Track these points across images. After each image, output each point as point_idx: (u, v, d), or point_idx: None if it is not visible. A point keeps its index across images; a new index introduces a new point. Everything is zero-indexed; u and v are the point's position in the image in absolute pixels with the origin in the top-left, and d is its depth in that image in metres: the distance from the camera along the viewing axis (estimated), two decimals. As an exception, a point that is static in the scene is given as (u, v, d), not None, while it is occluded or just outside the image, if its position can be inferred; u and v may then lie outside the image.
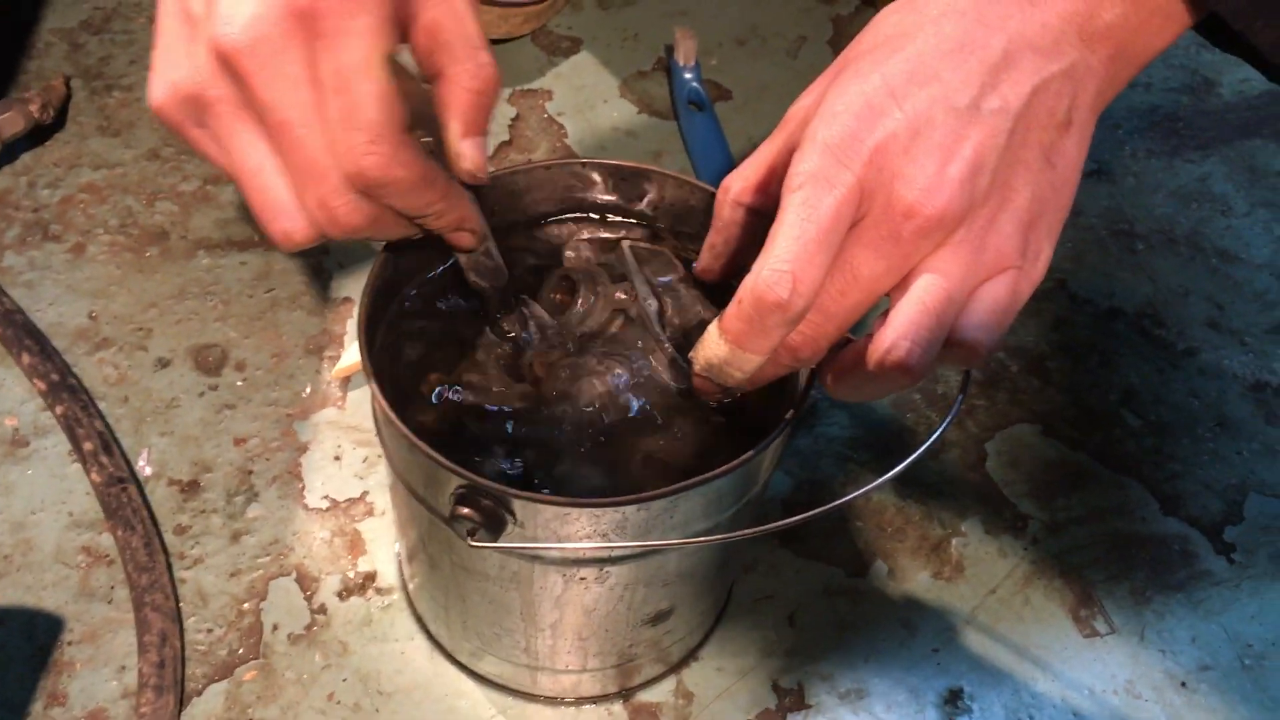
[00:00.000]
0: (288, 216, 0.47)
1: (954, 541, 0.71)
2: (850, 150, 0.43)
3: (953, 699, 0.65)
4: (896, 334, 0.43)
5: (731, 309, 0.45)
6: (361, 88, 0.43)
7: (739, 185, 0.51)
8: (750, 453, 0.48)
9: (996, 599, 0.69)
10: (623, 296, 0.57)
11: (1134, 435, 0.77)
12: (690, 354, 0.49)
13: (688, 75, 0.93)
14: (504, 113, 0.92)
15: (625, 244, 0.58)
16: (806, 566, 0.69)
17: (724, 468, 0.48)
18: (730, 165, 0.89)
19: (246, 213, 0.83)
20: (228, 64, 0.44)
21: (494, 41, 0.96)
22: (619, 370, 0.57)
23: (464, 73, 0.47)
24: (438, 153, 0.49)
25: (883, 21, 0.47)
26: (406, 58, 0.48)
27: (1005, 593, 0.69)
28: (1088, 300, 0.84)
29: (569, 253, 0.59)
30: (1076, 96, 0.44)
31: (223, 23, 0.43)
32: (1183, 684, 0.66)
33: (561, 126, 0.92)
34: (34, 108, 0.83)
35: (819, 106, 0.45)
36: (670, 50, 0.95)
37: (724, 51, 1.00)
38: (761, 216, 0.51)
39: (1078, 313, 0.83)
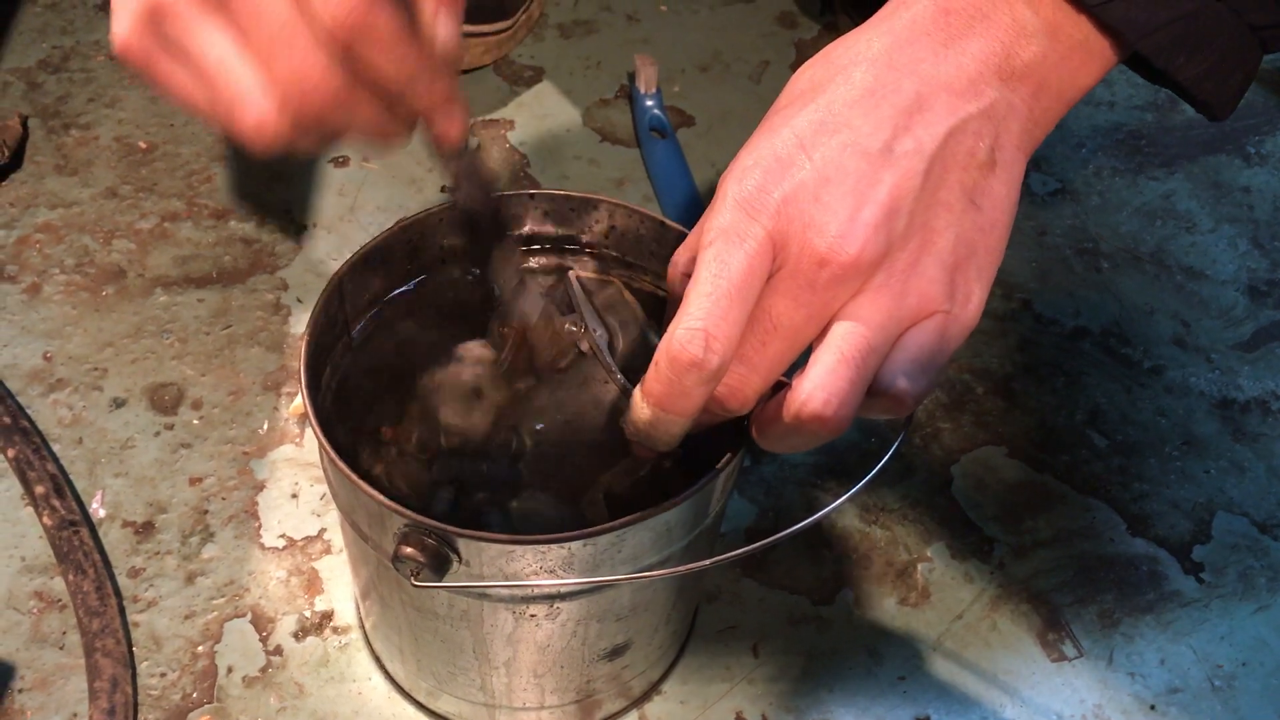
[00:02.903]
0: (257, 105, 0.45)
1: (920, 567, 0.70)
2: (759, 203, 0.42)
3: (919, 728, 0.64)
4: (813, 385, 0.42)
5: (651, 372, 0.45)
6: None
7: (684, 258, 0.50)
8: (695, 486, 0.47)
9: (963, 624, 0.68)
10: (572, 329, 0.56)
11: (1100, 456, 0.76)
12: (621, 421, 0.48)
13: (649, 102, 0.93)
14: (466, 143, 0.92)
15: (572, 275, 0.57)
16: (771, 595, 0.69)
17: (669, 501, 0.47)
18: (692, 192, 0.89)
19: (205, 249, 0.82)
20: None
21: (455, 72, 0.95)
22: (571, 402, 0.57)
23: None
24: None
25: (798, 79, 0.46)
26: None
27: (972, 618, 0.68)
28: (1053, 320, 0.84)
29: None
30: (999, 136, 0.44)
31: None
32: (1152, 707, 0.65)
33: (524, 156, 0.92)
34: (-12, 148, 0.82)
35: (737, 158, 0.44)
36: (632, 78, 0.95)
37: (687, 78, 0.99)
38: None
39: (1043, 333, 0.83)
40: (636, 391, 0.46)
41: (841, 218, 0.42)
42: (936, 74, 0.43)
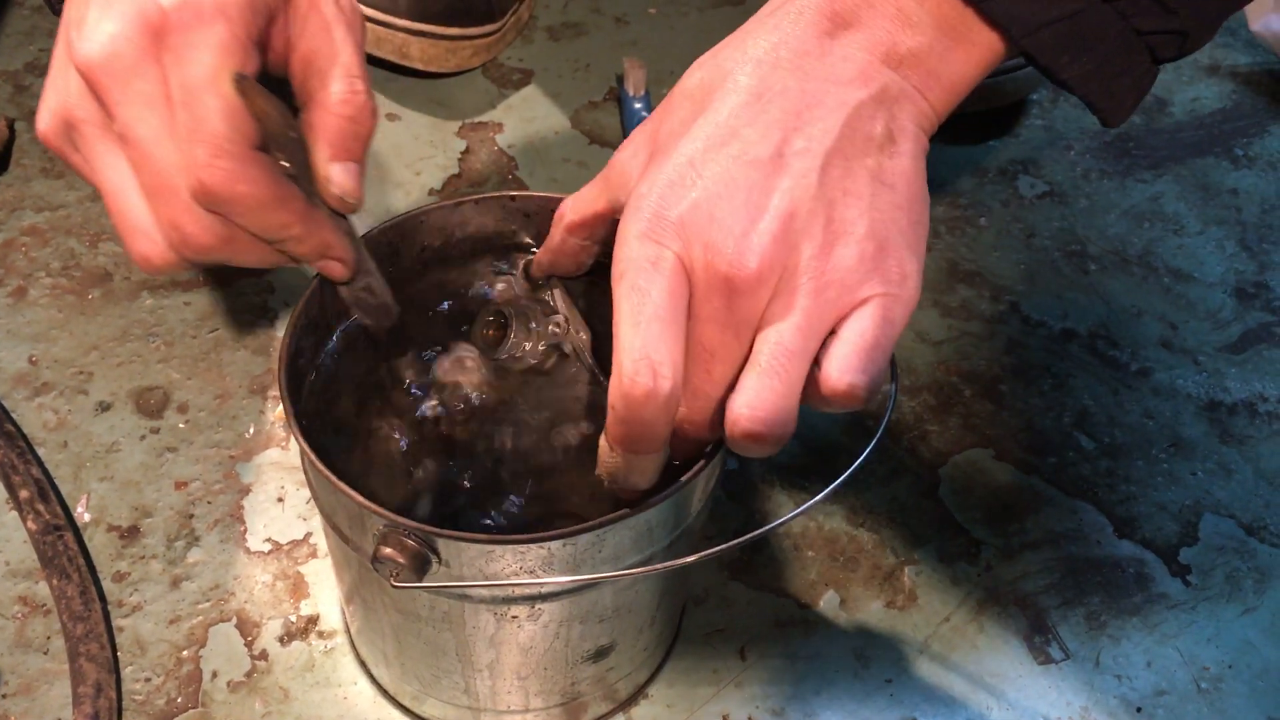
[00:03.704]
0: (145, 238, 0.47)
1: (907, 570, 0.70)
2: (659, 229, 0.43)
3: (906, 730, 0.64)
4: (738, 405, 0.42)
5: (609, 417, 0.44)
6: (207, 101, 0.43)
7: (571, 217, 0.52)
8: (674, 486, 0.47)
9: (950, 627, 0.68)
10: (556, 330, 0.56)
11: (1088, 458, 0.76)
12: (596, 472, 0.48)
13: (637, 105, 0.93)
14: (454, 146, 0.92)
15: (556, 279, 0.57)
16: (758, 598, 0.68)
17: (649, 500, 0.47)
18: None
19: (191, 253, 0.82)
20: (89, 82, 0.44)
21: (444, 75, 0.95)
22: (556, 402, 0.57)
23: (334, 97, 0.47)
24: (303, 179, 0.48)
25: (687, 84, 0.46)
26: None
27: (959, 621, 0.68)
28: (1040, 322, 0.84)
29: (500, 286, 0.58)
30: (894, 115, 0.43)
31: (83, 41, 0.44)
32: (1138, 709, 0.65)
33: (512, 159, 0.92)
34: (-26, 152, 0.82)
35: (633, 191, 0.44)
36: (621, 80, 0.95)
37: (675, 81, 0.99)
38: (588, 245, 0.53)
39: (1030, 335, 0.83)
40: (602, 440, 0.46)
41: (737, 233, 0.41)
42: (822, 68, 0.43)
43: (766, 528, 0.48)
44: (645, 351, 0.42)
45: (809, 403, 0.44)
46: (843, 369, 0.42)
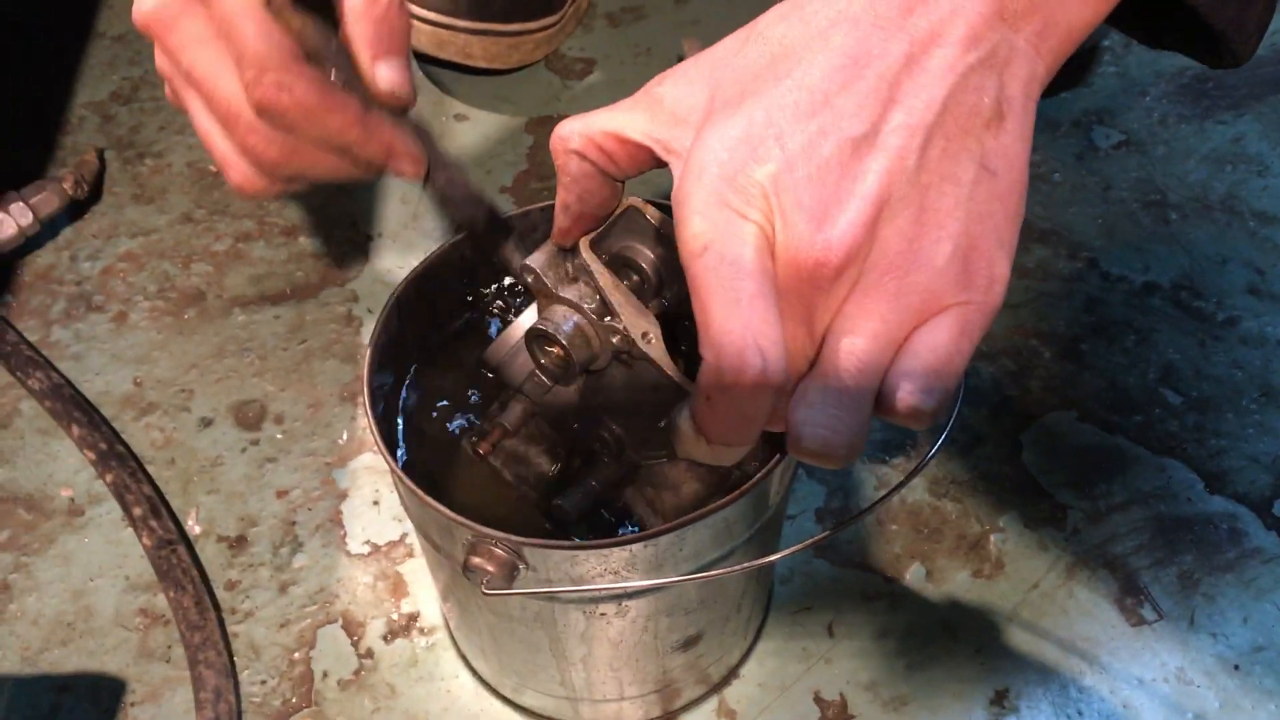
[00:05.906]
0: (234, 167, 0.51)
1: (993, 538, 0.70)
2: (742, 196, 0.38)
3: (998, 700, 0.64)
4: (803, 420, 0.39)
5: (702, 409, 0.40)
6: (244, 27, 0.47)
7: (579, 140, 0.44)
8: (749, 482, 0.48)
9: (1039, 594, 0.68)
10: (614, 336, 0.54)
11: (1175, 414, 0.75)
12: (673, 441, 0.44)
13: (700, 86, 0.93)
14: (521, 141, 0.93)
15: (597, 271, 0.52)
16: (843, 575, 0.69)
17: (725, 499, 0.48)
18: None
19: (277, 266, 0.85)
20: (154, 40, 0.49)
21: (506, 71, 0.97)
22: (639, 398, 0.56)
23: (359, 1, 0.49)
24: (355, 86, 0.50)
25: (767, 32, 0.41)
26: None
27: (1048, 587, 0.68)
28: (1121, 277, 0.83)
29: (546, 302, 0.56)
30: (1004, 84, 0.38)
31: (136, 6, 0.49)
32: (1236, 667, 0.65)
33: (579, 150, 0.93)
34: (67, 185, 0.86)
35: (696, 143, 0.40)
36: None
37: (737, 57, 0.99)
38: (611, 179, 0.46)
39: (1111, 291, 0.82)
40: (685, 426, 0.41)
41: (820, 217, 0.37)
42: (929, 25, 0.38)
43: (855, 517, 0.48)
44: (751, 335, 0.37)
45: None
46: (910, 389, 0.38)
